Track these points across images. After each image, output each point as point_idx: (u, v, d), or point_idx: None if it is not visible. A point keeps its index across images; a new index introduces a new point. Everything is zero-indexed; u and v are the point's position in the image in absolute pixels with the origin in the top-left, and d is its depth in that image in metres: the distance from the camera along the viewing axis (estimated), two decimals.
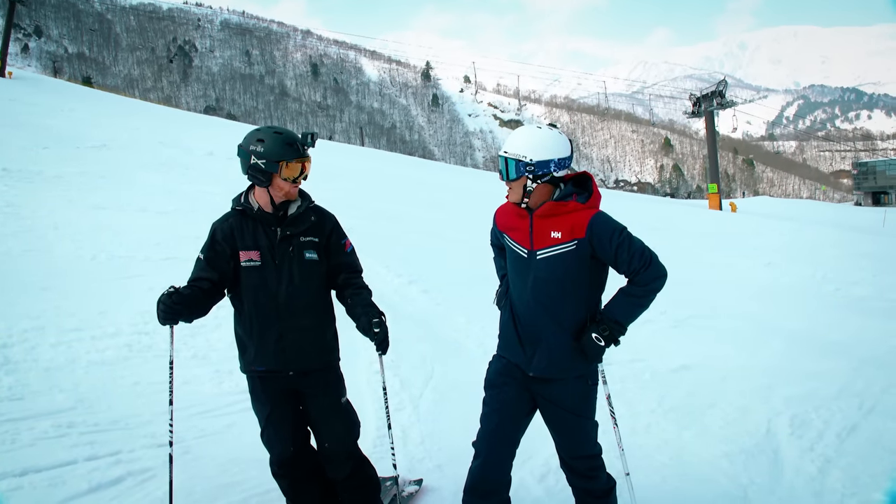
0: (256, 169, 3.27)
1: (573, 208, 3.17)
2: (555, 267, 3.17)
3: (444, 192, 22.46)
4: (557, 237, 3.16)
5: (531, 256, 3.23)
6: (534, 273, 3.22)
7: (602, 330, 3.16)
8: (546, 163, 3.15)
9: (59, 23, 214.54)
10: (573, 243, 3.14)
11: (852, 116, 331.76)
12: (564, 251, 3.15)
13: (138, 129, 22.28)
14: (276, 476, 3.65)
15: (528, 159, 3.14)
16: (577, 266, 3.17)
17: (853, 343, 8.10)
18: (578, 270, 3.18)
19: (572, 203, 3.18)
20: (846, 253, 15.31)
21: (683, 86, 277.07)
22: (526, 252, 3.25)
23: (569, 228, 3.15)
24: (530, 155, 3.14)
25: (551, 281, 3.19)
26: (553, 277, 3.18)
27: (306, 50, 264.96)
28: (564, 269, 3.17)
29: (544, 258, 3.19)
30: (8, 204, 9.94)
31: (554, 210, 3.18)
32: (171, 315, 3.17)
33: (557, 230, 3.17)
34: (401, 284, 9.09)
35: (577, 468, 3.39)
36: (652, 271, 3.14)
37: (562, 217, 3.17)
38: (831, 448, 5.08)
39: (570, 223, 3.15)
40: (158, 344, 6.12)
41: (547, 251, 3.18)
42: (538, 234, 3.21)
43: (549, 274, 3.19)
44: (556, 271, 3.17)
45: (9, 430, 4.42)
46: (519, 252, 3.29)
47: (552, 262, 3.18)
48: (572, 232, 3.14)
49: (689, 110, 43.72)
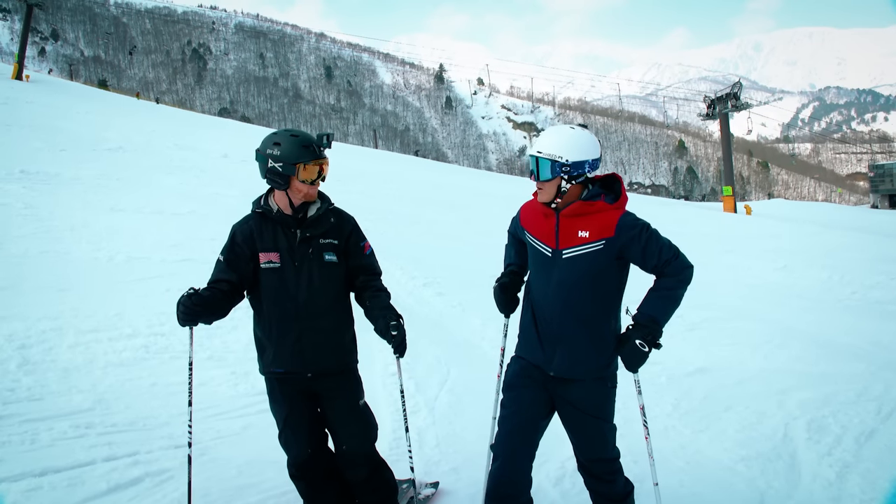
0: (274, 172, 3.28)
1: (601, 208, 3.17)
2: (581, 266, 3.16)
3: (458, 193, 22.46)
4: (585, 236, 3.16)
5: (556, 256, 3.22)
6: (558, 272, 3.21)
7: (645, 335, 3.12)
8: (581, 163, 3.15)
9: (75, 26, 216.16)
10: (601, 243, 3.14)
11: (868, 118, 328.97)
12: (592, 250, 3.15)
13: (154, 131, 22.42)
14: (294, 478, 3.66)
15: (565, 160, 3.13)
16: (604, 265, 3.16)
17: (870, 347, 8.03)
18: (604, 270, 3.17)
19: (600, 203, 3.17)
20: (863, 256, 15.17)
21: (697, 88, 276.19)
22: (550, 251, 3.24)
23: (597, 228, 3.14)
24: (566, 155, 3.13)
25: (577, 280, 3.18)
26: (578, 277, 3.17)
27: (320, 52, 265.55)
28: (590, 269, 3.16)
29: (570, 257, 3.18)
30: (27, 206, 10.03)
31: (582, 210, 3.17)
32: (191, 316, 3.18)
33: (585, 230, 3.16)
34: (416, 287, 9.10)
35: (594, 471, 3.38)
36: (682, 260, 3.16)
37: (590, 217, 3.17)
38: (849, 453, 5.04)
39: (598, 223, 3.15)
40: (175, 345, 6.16)
41: (573, 250, 3.17)
42: (564, 233, 3.20)
43: (575, 273, 3.18)
44: (581, 271, 3.17)
45: (28, 430, 4.46)
46: (543, 251, 3.28)
47: (578, 262, 3.17)
48: (601, 231, 3.14)
49: (704, 112, 43.45)
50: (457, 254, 11.95)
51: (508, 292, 3.61)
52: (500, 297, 3.61)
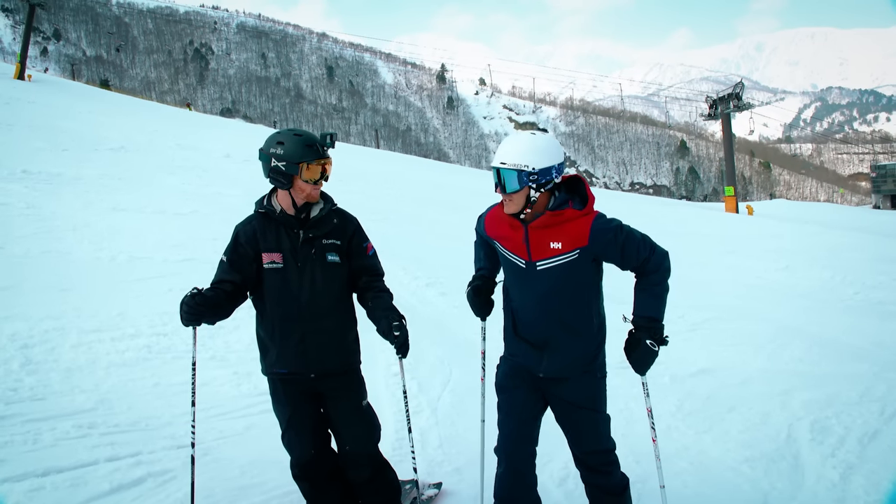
0: (277, 171, 3.27)
1: (570, 216, 3.10)
2: (558, 277, 3.13)
3: (460, 194, 22.43)
4: (558, 248, 3.10)
5: (530, 268, 3.17)
6: (537, 284, 3.18)
7: (653, 334, 3.10)
8: (548, 170, 3.06)
9: (77, 26, 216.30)
10: (575, 252, 3.09)
11: (871, 119, 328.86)
12: (567, 261, 3.11)
13: (155, 131, 22.42)
14: (297, 478, 3.66)
15: (531, 168, 3.02)
16: (581, 272, 3.14)
17: (873, 347, 8.01)
18: (582, 276, 3.15)
19: (569, 210, 3.10)
20: (865, 256, 15.14)
21: (699, 88, 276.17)
22: (524, 263, 3.19)
23: (569, 238, 3.09)
24: (532, 163, 3.02)
25: (557, 290, 3.15)
26: (558, 287, 3.15)
27: (322, 52, 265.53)
28: (568, 278, 3.13)
29: (546, 269, 3.14)
30: (28, 205, 10.02)
31: (551, 221, 3.10)
32: (194, 316, 3.18)
33: (557, 241, 3.10)
34: (418, 287, 9.09)
35: (590, 463, 3.36)
36: (659, 253, 3.12)
37: (559, 227, 3.10)
38: (853, 454, 5.03)
39: (569, 232, 3.09)
40: (177, 345, 6.15)
41: (548, 262, 3.13)
42: (535, 245, 3.14)
43: (554, 284, 3.15)
44: (560, 281, 3.13)
45: (31, 430, 4.46)
46: (516, 262, 3.23)
47: (555, 273, 3.13)
48: (574, 241, 3.09)
49: (706, 112, 43.43)
50: (459, 254, 11.86)
51: (482, 296, 3.59)
52: (475, 301, 3.61)
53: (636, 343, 3.13)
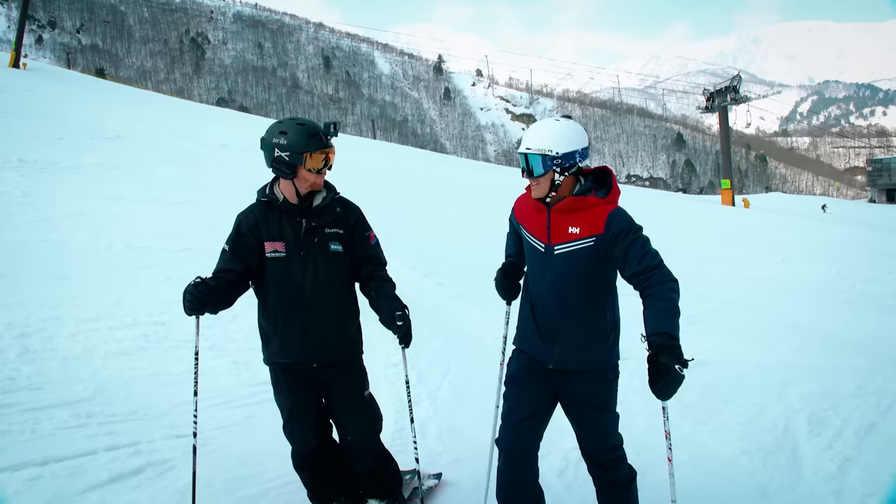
0: (281, 161, 3.24)
1: (592, 203, 3.13)
2: (573, 263, 3.13)
3: (456, 185, 22.44)
4: (575, 233, 3.12)
5: (549, 251, 3.19)
6: (552, 267, 3.19)
7: (676, 355, 2.74)
8: (572, 154, 3.11)
9: (72, 14, 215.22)
10: (591, 239, 3.10)
11: (867, 113, 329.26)
12: (582, 247, 3.11)
13: (152, 120, 22.36)
14: (298, 469, 3.65)
15: (555, 153, 3.09)
16: (597, 263, 3.12)
17: (869, 340, 8.05)
18: (596, 265, 3.13)
19: (591, 198, 3.13)
20: (861, 250, 15.21)
21: (696, 81, 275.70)
22: (543, 246, 3.22)
23: (588, 224, 3.10)
24: (556, 148, 3.09)
25: (570, 276, 3.15)
26: (571, 272, 3.15)
27: (318, 43, 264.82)
28: (582, 265, 3.13)
29: (562, 253, 3.15)
30: (24, 194, 9.98)
31: (573, 205, 3.13)
32: (198, 306, 3.16)
33: (576, 225, 3.13)
34: (416, 278, 9.09)
35: (598, 459, 3.37)
36: (666, 272, 2.96)
37: (580, 212, 3.13)
38: (850, 446, 5.05)
39: (589, 218, 3.11)
40: (175, 334, 6.14)
41: (565, 246, 3.15)
42: (556, 228, 3.17)
43: (568, 270, 3.15)
44: (574, 266, 3.14)
45: (29, 419, 4.44)
46: (536, 245, 3.26)
47: (570, 258, 3.14)
48: (591, 228, 3.10)
49: (703, 105, 43.46)
50: (456, 245, 11.94)
51: (509, 278, 3.59)
52: (501, 282, 3.59)
53: (664, 370, 2.71)
